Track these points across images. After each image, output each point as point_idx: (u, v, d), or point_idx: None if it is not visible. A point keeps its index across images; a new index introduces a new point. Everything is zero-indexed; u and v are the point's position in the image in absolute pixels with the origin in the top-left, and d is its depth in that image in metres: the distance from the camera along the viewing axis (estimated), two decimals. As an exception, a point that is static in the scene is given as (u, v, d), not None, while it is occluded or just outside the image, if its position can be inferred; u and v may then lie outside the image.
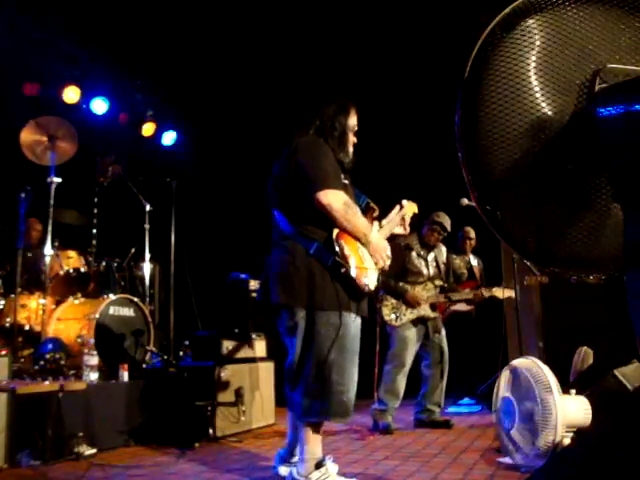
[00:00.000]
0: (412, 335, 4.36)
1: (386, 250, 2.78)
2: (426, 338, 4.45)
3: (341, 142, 2.77)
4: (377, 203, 4.65)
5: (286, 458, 2.86)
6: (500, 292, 4.73)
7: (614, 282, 1.60)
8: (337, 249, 2.55)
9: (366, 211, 2.83)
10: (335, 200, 2.56)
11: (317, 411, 2.52)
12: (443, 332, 4.53)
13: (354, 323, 2.62)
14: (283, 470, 2.82)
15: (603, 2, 1.51)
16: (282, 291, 2.60)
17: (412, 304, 4.35)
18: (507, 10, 1.47)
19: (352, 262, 2.57)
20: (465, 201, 3.96)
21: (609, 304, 4.22)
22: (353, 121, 2.86)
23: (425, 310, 4.42)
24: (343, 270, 2.53)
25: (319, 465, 2.56)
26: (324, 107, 2.82)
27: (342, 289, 2.56)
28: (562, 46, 1.47)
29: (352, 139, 2.87)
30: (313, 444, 2.59)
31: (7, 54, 5.34)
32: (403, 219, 3.08)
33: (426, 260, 4.53)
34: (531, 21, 1.46)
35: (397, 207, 3.10)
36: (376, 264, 2.73)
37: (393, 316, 4.35)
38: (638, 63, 1.50)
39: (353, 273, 2.55)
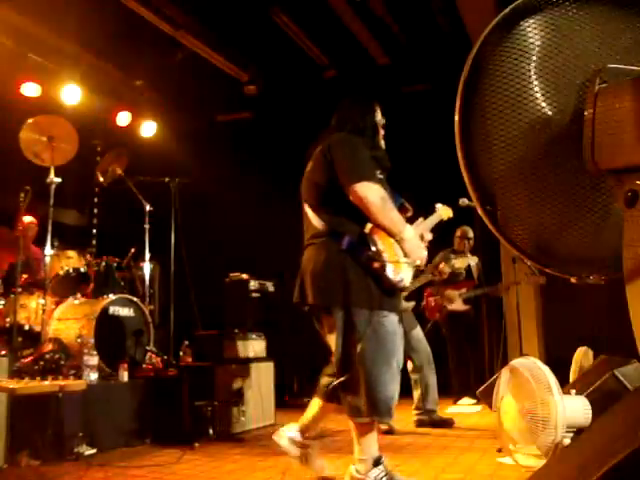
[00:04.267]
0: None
1: (422, 248, 2.72)
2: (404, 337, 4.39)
3: (375, 139, 2.78)
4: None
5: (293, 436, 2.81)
6: (460, 262, 4.69)
7: (614, 282, 1.60)
8: (371, 244, 2.50)
9: (400, 211, 2.75)
10: (371, 193, 2.51)
11: (364, 411, 2.49)
12: (418, 327, 4.49)
13: (390, 320, 2.56)
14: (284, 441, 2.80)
15: (603, 2, 1.51)
16: (318, 292, 2.57)
17: None
18: (507, 10, 1.47)
19: (386, 257, 2.51)
20: (465, 201, 3.95)
21: (609, 304, 4.22)
22: (379, 116, 2.86)
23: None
24: (377, 265, 2.47)
25: (377, 463, 2.55)
26: (352, 108, 2.83)
27: (376, 286, 2.51)
28: (562, 46, 1.47)
29: (381, 133, 2.87)
30: (368, 444, 2.56)
31: (7, 54, 5.33)
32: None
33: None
34: (531, 21, 1.46)
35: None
36: (410, 262, 2.66)
37: None
38: (638, 63, 1.49)
39: (388, 268, 2.50)
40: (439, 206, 3.15)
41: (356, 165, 2.57)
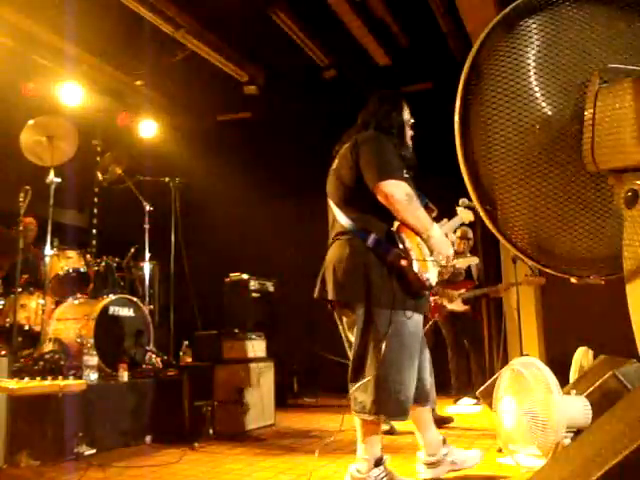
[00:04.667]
0: None
1: (449, 245, 2.69)
2: None
3: (401, 138, 2.77)
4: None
5: (425, 460, 2.81)
6: (462, 262, 4.67)
7: (614, 282, 1.60)
8: (398, 242, 2.48)
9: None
10: (397, 190, 2.50)
11: (373, 409, 2.48)
12: None
13: (411, 320, 2.54)
14: (428, 474, 2.79)
15: (603, 2, 1.51)
16: (340, 288, 2.56)
17: None
18: (507, 10, 1.47)
19: (413, 255, 2.48)
20: (465, 201, 3.94)
21: (609, 304, 4.22)
22: (407, 115, 2.85)
23: None
24: (404, 263, 2.45)
25: (378, 463, 2.54)
26: (378, 105, 2.82)
27: (399, 286, 2.49)
28: (562, 46, 1.47)
29: (409, 133, 2.85)
30: (372, 442, 2.56)
31: (7, 54, 5.33)
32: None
33: None
34: (531, 21, 1.46)
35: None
36: (437, 261, 2.63)
37: None
38: (638, 63, 1.49)
39: (415, 266, 2.47)
40: (460, 209, 3.13)
41: (382, 163, 2.56)
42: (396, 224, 2.53)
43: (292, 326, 6.26)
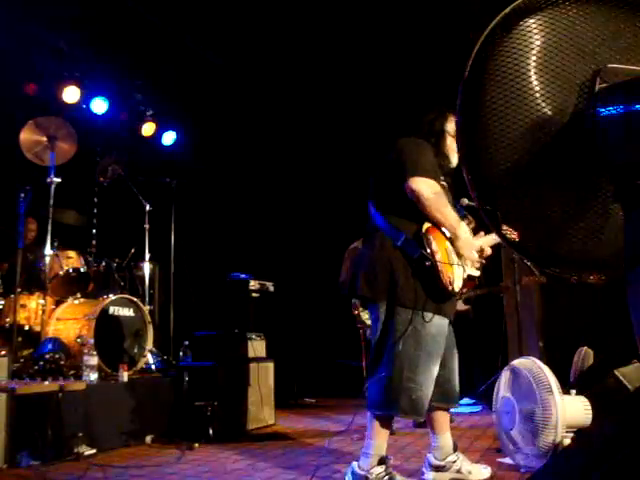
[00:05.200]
0: None
1: (475, 247, 2.72)
2: None
3: (439, 146, 2.80)
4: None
5: (431, 462, 2.82)
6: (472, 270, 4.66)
7: (614, 282, 1.60)
8: (425, 244, 2.51)
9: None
10: (425, 187, 2.54)
11: (384, 404, 2.52)
12: None
13: (432, 323, 2.56)
14: (430, 475, 2.80)
15: (603, 2, 1.51)
16: (366, 284, 2.62)
17: None
18: (507, 10, 1.47)
19: (438, 258, 2.52)
20: (465, 201, 3.94)
21: (609, 304, 4.22)
22: (452, 126, 2.86)
23: None
24: (428, 264, 2.49)
25: (382, 462, 2.56)
26: (424, 116, 2.88)
27: (422, 287, 2.53)
28: (562, 46, 1.47)
29: (454, 144, 2.87)
30: (379, 439, 2.58)
31: (7, 54, 5.33)
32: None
33: None
34: (531, 21, 1.46)
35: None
36: (462, 265, 2.66)
37: None
38: (638, 63, 1.49)
39: (439, 270, 2.51)
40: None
41: (413, 162, 2.61)
42: (425, 226, 2.57)
43: (292, 326, 6.26)
